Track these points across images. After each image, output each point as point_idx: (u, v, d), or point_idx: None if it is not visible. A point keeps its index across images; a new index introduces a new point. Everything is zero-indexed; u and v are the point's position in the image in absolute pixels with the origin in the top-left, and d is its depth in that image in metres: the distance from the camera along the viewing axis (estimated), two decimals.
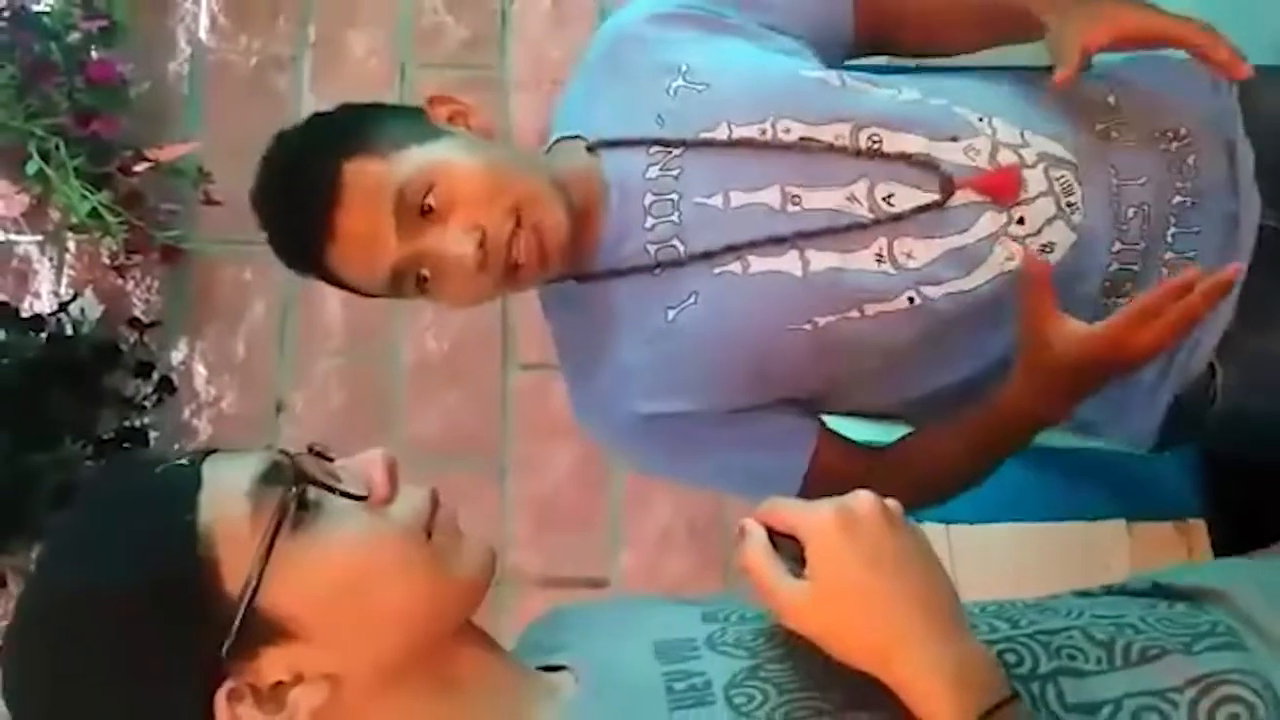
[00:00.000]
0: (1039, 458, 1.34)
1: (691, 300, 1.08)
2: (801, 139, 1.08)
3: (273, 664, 0.70)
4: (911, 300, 1.07)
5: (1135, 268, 1.09)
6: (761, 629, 0.77)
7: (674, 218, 1.09)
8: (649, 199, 1.10)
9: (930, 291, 1.06)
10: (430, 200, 1.03)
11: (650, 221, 1.09)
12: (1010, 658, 0.76)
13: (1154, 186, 1.10)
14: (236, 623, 0.68)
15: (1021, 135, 1.09)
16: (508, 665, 0.78)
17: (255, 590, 0.69)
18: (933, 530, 1.59)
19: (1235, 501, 1.49)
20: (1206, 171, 1.11)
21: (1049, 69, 1.08)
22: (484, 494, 1.97)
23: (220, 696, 0.69)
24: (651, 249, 1.09)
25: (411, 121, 1.09)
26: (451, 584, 0.74)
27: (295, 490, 0.71)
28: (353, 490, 0.73)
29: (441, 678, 0.74)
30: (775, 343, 1.08)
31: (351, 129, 1.07)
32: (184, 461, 0.74)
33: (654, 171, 1.10)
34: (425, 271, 1.05)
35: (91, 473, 1.77)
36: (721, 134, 1.09)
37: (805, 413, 1.15)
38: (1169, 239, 1.09)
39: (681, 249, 1.08)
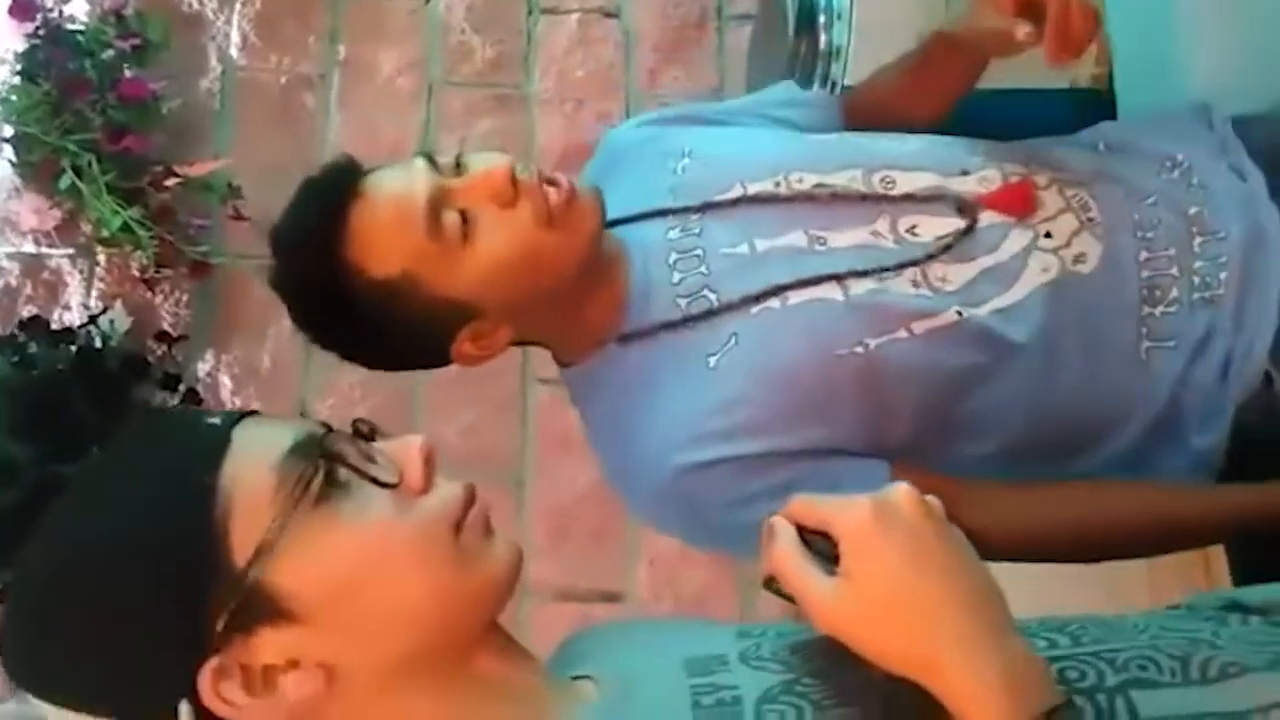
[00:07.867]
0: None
1: (732, 343, 1.04)
2: (816, 186, 1.08)
3: (268, 645, 0.66)
4: (959, 313, 1.05)
5: (1172, 273, 1.08)
6: (799, 641, 0.72)
7: (702, 270, 1.07)
8: (673, 256, 1.08)
9: (974, 311, 1.05)
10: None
11: (677, 276, 1.08)
12: (1071, 674, 0.70)
13: (1165, 203, 1.11)
14: (239, 593, 0.65)
15: (1027, 165, 1.11)
16: (531, 672, 0.73)
17: (263, 561, 0.65)
18: None
19: None
20: (1216, 187, 1.12)
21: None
22: (502, 506, 1.99)
23: (206, 670, 0.65)
24: (682, 302, 1.07)
25: None
26: (470, 586, 0.69)
27: (323, 466, 0.67)
28: (384, 477, 0.69)
29: (454, 681, 0.70)
30: (827, 371, 1.03)
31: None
32: (216, 421, 0.71)
33: (675, 233, 1.09)
34: (465, 207, 1.01)
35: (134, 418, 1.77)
36: (736, 193, 1.09)
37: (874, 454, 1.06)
38: (1196, 248, 1.09)
39: (714, 298, 1.06)
